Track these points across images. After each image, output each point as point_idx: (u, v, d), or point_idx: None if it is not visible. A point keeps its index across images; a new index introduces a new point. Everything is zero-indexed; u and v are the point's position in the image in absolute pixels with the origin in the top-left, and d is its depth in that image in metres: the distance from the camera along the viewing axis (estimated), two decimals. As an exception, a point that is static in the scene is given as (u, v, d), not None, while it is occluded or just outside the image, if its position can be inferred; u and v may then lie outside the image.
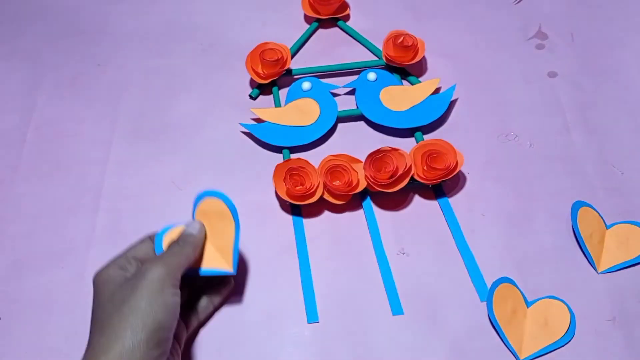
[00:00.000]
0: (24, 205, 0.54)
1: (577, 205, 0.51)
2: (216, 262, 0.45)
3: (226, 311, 0.48)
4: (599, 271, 0.49)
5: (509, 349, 0.46)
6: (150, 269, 0.40)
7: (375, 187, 0.51)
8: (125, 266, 0.42)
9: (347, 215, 0.53)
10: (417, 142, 0.55)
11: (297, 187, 0.51)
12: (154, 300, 0.39)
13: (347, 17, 0.66)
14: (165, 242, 0.44)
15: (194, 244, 0.44)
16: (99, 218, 0.53)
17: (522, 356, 0.45)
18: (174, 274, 0.41)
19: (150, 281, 0.39)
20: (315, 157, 0.53)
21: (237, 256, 0.45)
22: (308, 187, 0.51)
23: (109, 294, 0.40)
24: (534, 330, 0.46)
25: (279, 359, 0.46)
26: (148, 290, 0.39)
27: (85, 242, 0.52)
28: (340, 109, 0.58)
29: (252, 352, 0.46)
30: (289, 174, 0.51)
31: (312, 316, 0.48)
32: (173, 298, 0.40)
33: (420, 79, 0.61)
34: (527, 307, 0.48)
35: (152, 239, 0.45)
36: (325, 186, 0.52)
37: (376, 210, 0.53)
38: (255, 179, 0.55)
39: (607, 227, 0.51)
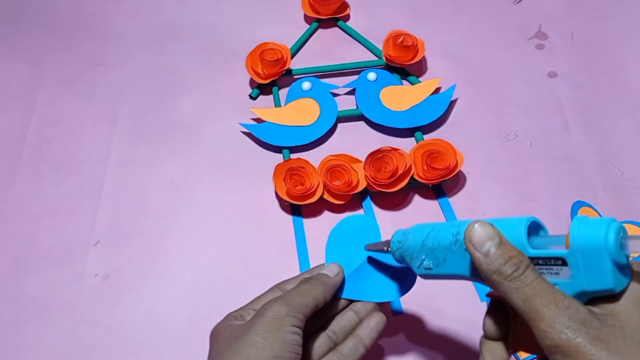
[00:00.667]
0: (24, 205, 0.54)
1: (577, 205, 0.51)
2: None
3: (226, 311, 0.48)
4: (599, 271, 0.49)
5: None
6: (268, 308, 0.37)
7: (375, 187, 0.51)
8: (244, 316, 0.39)
9: (347, 215, 0.53)
10: (417, 142, 0.55)
11: (297, 187, 0.51)
12: (270, 335, 0.35)
13: (347, 17, 0.66)
14: (302, 277, 0.42)
15: (326, 286, 0.40)
16: (99, 218, 0.53)
17: (522, 356, 0.45)
18: (295, 314, 0.37)
19: (267, 319, 0.36)
20: (315, 157, 0.53)
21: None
22: (308, 187, 0.51)
23: (222, 339, 0.37)
24: None
25: (279, 359, 0.46)
26: (264, 327, 0.35)
27: (85, 242, 0.52)
28: (340, 109, 0.58)
29: (252, 352, 0.46)
30: (289, 174, 0.51)
31: (312, 316, 0.48)
32: (292, 336, 0.36)
33: (420, 79, 0.61)
34: None
35: (281, 288, 0.41)
36: (325, 186, 0.52)
37: (376, 210, 0.53)
38: (255, 179, 0.55)
39: (607, 227, 0.51)
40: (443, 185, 0.54)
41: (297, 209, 0.53)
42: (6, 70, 0.63)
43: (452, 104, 0.59)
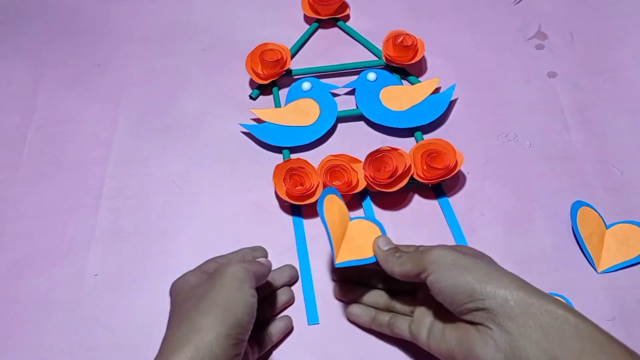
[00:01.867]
0: (24, 205, 0.54)
1: (577, 205, 0.51)
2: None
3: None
4: (599, 271, 0.49)
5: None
6: (229, 268, 0.40)
7: (375, 187, 0.51)
8: (202, 274, 0.43)
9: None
10: (417, 142, 0.55)
11: (297, 187, 0.51)
12: (233, 296, 0.38)
13: (347, 17, 0.66)
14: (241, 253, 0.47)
15: (267, 268, 0.44)
16: (99, 218, 0.53)
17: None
18: (251, 277, 0.40)
19: (230, 279, 0.39)
20: (315, 157, 0.53)
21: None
22: (308, 187, 0.51)
23: (184, 294, 0.40)
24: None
25: None
26: (227, 287, 0.38)
27: (85, 242, 0.52)
28: (340, 109, 0.58)
29: (252, 352, 0.46)
30: (289, 174, 0.51)
31: (312, 318, 0.48)
32: (251, 298, 0.39)
33: (420, 79, 0.61)
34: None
35: (217, 261, 0.46)
36: (325, 186, 0.52)
37: (376, 210, 0.53)
38: (255, 179, 0.55)
39: (607, 227, 0.51)
40: (443, 185, 0.54)
41: (297, 209, 0.53)
42: (6, 70, 0.63)
43: (452, 103, 0.59)
